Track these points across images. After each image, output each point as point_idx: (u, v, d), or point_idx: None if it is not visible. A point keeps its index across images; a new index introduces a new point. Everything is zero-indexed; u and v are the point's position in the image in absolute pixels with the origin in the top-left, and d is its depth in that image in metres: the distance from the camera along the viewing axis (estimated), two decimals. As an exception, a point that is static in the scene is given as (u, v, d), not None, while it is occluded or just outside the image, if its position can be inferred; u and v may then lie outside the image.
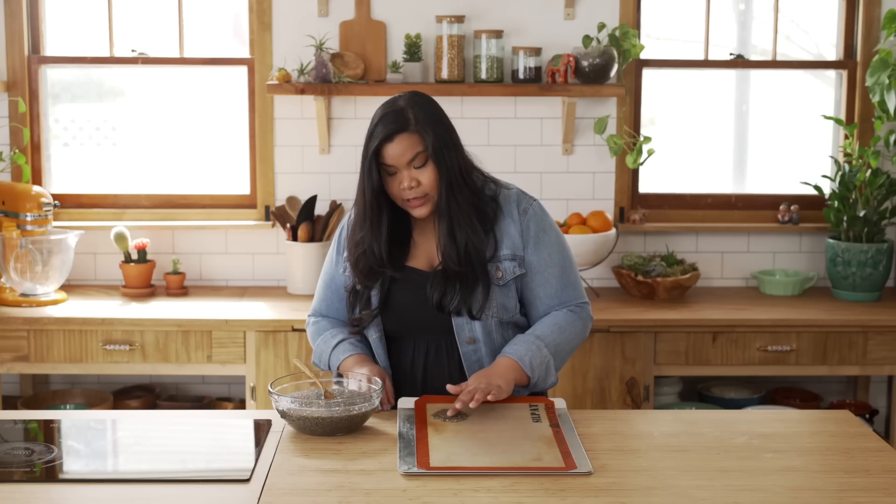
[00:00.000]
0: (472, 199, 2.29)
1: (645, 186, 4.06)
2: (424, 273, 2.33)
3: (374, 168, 2.27)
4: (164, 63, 3.98)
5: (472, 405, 2.12)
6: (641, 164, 3.84)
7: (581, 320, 2.36)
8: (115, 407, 3.81)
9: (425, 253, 2.36)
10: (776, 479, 1.89)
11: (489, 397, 2.14)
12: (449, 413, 2.15)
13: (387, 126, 2.25)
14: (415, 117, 2.25)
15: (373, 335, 2.36)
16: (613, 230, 3.81)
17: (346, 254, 2.39)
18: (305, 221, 3.83)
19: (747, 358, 3.53)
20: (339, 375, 2.34)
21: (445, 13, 3.80)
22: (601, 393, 3.52)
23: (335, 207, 3.89)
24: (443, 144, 2.26)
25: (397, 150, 2.25)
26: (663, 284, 3.72)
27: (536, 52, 3.78)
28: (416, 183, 2.26)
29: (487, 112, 3.90)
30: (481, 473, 1.90)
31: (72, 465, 2.00)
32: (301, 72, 3.73)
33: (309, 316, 2.52)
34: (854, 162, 3.83)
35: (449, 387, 2.19)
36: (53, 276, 3.67)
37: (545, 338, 2.29)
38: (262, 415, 2.24)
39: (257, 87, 3.90)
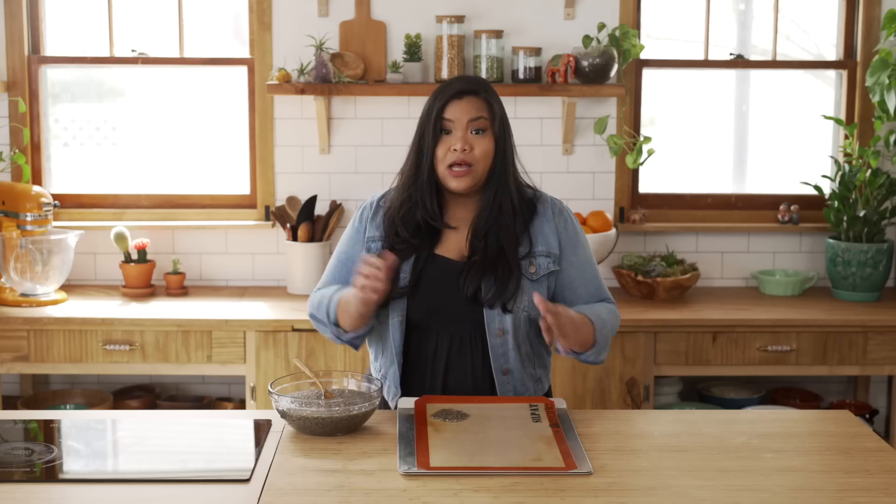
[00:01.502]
0: (518, 192, 2.34)
1: (645, 186, 4.06)
2: (456, 262, 2.32)
3: (438, 123, 2.29)
4: (164, 63, 3.98)
5: (550, 320, 2.12)
6: (641, 164, 3.84)
7: (617, 316, 2.42)
8: (115, 407, 3.81)
9: (456, 244, 2.34)
10: (776, 479, 1.89)
11: (553, 328, 2.14)
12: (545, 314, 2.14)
13: (459, 84, 2.30)
14: (486, 89, 2.32)
15: (394, 318, 2.31)
16: (613, 230, 3.81)
17: (370, 233, 2.36)
18: (305, 221, 3.83)
19: (747, 358, 3.53)
20: (336, 325, 2.30)
21: (445, 13, 3.80)
22: (601, 393, 3.52)
23: (335, 207, 3.89)
24: (505, 126, 2.33)
25: (463, 108, 2.28)
26: (663, 284, 3.72)
27: (536, 52, 3.78)
28: (469, 147, 2.27)
29: (487, 112, 3.89)
30: (481, 473, 1.90)
31: (72, 465, 2.00)
32: (301, 72, 3.73)
33: (313, 293, 2.44)
34: (854, 162, 3.83)
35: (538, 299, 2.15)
36: (53, 276, 3.67)
37: (605, 321, 2.33)
38: (262, 415, 2.24)
39: (257, 87, 3.90)
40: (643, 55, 3.92)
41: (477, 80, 2.34)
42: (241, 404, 3.90)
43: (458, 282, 2.29)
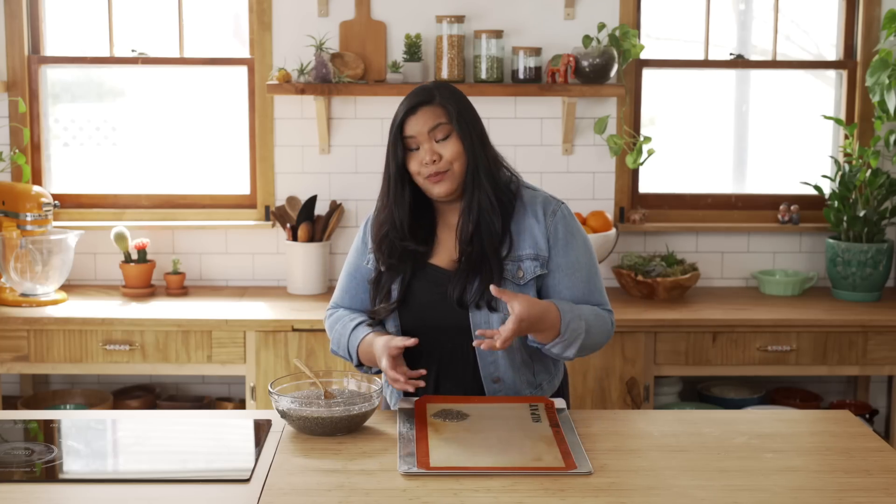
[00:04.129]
0: (495, 189, 2.29)
1: (645, 186, 4.06)
2: (445, 271, 2.32)
3: (399, 143, 2.27)
4: (164, 63, 3.98)
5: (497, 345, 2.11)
6: (641, 164, 3.84)
7: (609, 322, 2.33)
8: (115, 407, 3.81)
9: (447, 251, 2.34)
10: (776, 479, 1.90)
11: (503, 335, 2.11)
12: (481, 345, 2.13)
13: (411, 100, 2.28)
14: (440, 94, 2.28)
15: (390, 328, 2.35)
16: (613, 230, 3.81)
17: (370, 244, 2.38)
18: (305, 221, 3.83)
19: (747, 358, 3.53)
20: (359, 364, 2.35)
21: (445, 13, 3.80)
22: (601, 393, 3.52)
23: (335, 207, 3.89)
24: (467, 121, 2.28)
25: (419, 121, 2.26)
26: (663, 284, 3.72)
27: (536, 52, 3.78)
28: (437, 157, 2.25)
29: (487, 112, 3.89)
30: (481, 473, 1.90)
31: (72, 465, 2.00)
32: (301, 72, 3.73)
33: (327, 310, 2.51)
34: (854, 162, 3.83)
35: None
36: (53, 276, 3.67)
37: (584, 315, 2.24)
38: (262, 415, 2.24)
39: (257, 87, 3.90)
40: (643, 55, 3.92)
41: (426, 89, 2.30)
42: (241, 404, 3.90)
43: (446, 291, 2.29)
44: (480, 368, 2.30)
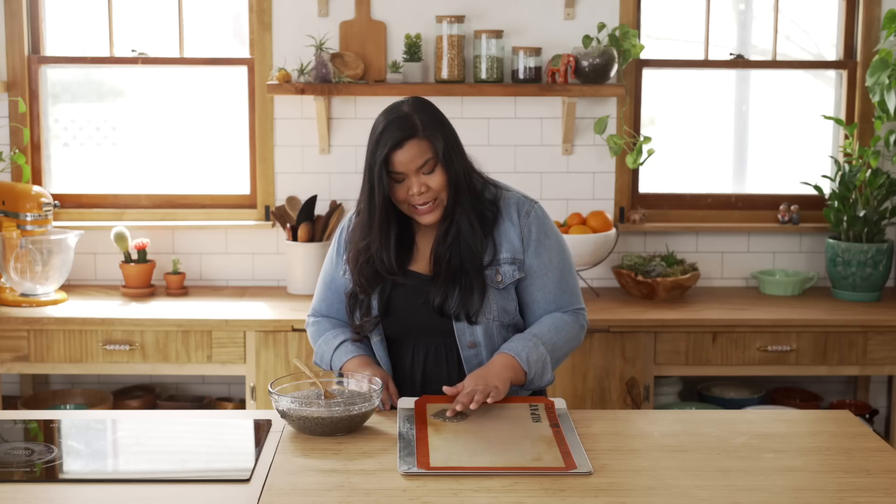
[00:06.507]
0: (474, 202, 2.30)
1: (645, 186, 4.06)
2: (425, 277, 2.33)
3: (384, 176, 2.24)
4: (164, 63, 3.98)
5: (472, 406, 2.12)
6: (641, 164, 3.84)
7: (577, 324, 2.37)
8: (115, 407, 3.81)
9: (426, 257, 2.35)
10: (776, 479, 1.90)
11: (488, 400, 2.15)
12: (448, 414, 2.16)
13: (394, 133, 2.22)
14: (422, 123, 2.24)
15: (374, 338, 2.37)
16: (613, 230, 3.81)
17: (346, 256, 2.39)
18: (305, 221, 3.83)
19: (747, 358, 3.53)
20: (342, 376, 2.35)
21: (445, 13, 3.80)
22: (601, 393, 3.52)
23: (335, 207, 3.89)
24: (450, 148, 2.27)
25: (407, 157, 2.23)
26: (663, 284, 3.72)
27: (536, 52, 3.78)
28: (425, 188, 2.25)
29: (487, 112, 3.90)
30: (481, 473, 1.90)
31: (72, 465, 2.01)
32: (301, 72, 3.73)
33: (309, 315, 2.52)
34: (854, 162, 3.83)
35: (445, 389, 2.19)
36: (53, 276, 3.67)
37: (542, 336, 2.29)
38: (262, 415, 2.24)
39: (257, 87, 3.90)
40: (643, 55, 3.91)
41: (406, 118, 2.24)
42: (241, 404, 3.90)
43: (427, 298, 2.30)
44: (466, 371, 2.32)
